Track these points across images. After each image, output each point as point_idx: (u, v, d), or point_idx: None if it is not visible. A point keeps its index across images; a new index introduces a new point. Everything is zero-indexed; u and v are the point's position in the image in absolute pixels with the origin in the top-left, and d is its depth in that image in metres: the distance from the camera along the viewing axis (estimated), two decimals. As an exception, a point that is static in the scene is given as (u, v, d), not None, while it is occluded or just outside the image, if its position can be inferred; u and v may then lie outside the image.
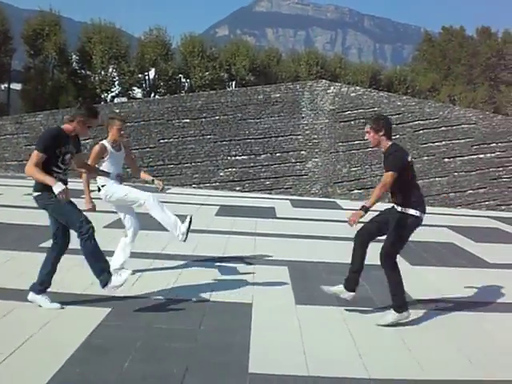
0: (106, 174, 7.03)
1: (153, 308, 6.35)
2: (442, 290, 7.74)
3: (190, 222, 7.25)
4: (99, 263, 5.98)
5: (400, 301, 6.24)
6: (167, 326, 5.82)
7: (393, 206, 6.42)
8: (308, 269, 8.67)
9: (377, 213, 6.57)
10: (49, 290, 6.28)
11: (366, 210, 6.06)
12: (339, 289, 6.53)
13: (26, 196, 6.31)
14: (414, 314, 6.64)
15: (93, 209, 7.21)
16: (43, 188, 5.87)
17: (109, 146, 7.41)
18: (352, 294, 6.49)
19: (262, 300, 6.85)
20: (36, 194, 5.97)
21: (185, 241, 7.20)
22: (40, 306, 6.05)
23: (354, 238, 6.59)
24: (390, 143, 6.30)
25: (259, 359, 5.07)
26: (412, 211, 6.24)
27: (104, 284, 5.97)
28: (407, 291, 7.52)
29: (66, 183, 6.06)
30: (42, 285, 6.10)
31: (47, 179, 5.74)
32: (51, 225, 6.18)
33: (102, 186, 7.26)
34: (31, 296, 6.11)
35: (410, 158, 6.33)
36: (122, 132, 7.58)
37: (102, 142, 7.48)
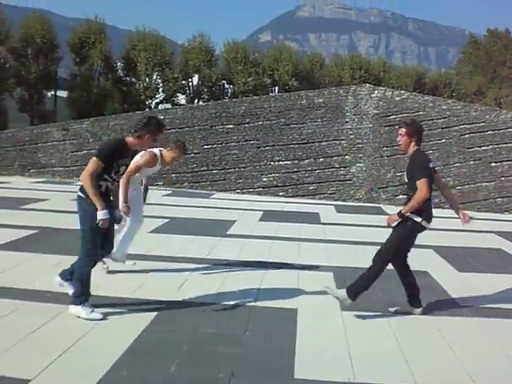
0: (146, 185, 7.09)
1: (198, 312, 6.37)
2: (491, 297, 7.59)
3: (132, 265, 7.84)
4: (81, 288, 5.99)
5: (358, 290, 6.40)
6: (213, 330, 5.84)
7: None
8: (353, 275, 8.57)
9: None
10: (95, 293, 6.35)
11: (401, 216, 6.26)
12: (414, 310, 6.65)
13: (73, 201, 6.35)
14: (460, 320, 6.54)
15: (127, 212, 7.19)
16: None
17: (159, 159, 7.53)
18: (419, 309, 6.65)
19: (307, 305, 6.81)
20: (83, 195, 5.96)
21: (113, 260, 7.59)
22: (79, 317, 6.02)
23: (393, 264, 6.67)
24: (416, 148, 6.44)
25: (305, 364, 5.05)
26: (414, 216, 6.27)
27: (72, 302, 5.99)
28: (455, 298, 7.43)
29: (112, 192, 6.20)
30: (81, 295, 6.04)
31: (97, 200, 5.77)
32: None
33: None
34: (73, 309, 6.09)
35: (431, 165, 6.44)
36: (175, 161, 7.79)
37: (155, 152, 7.55)
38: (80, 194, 5.96)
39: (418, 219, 6.28)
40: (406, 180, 6.54)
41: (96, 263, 6.09)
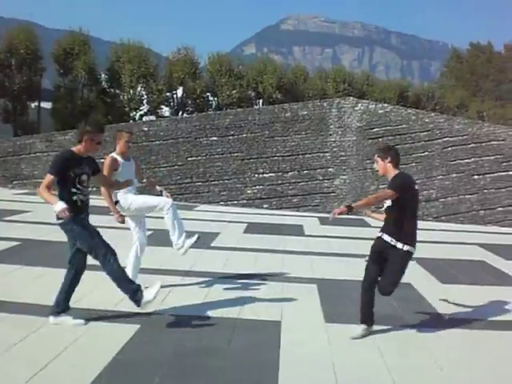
0: (126, 183, 7.05)
1: (182, 325, 6.35)
2: (474, 309, 7.63)
3: (197, 240, 7.54)
4: (126, 284, 6.10)
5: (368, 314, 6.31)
6: (197, 343, 5.82)
7: (381, 238, 6.35)
8: (337, 287, 8.62)
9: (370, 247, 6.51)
10: (77, 306, 6.32)
11: (350, 209, 6.09)
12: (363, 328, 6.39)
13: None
14: (445, 333, 6.57)
15: (122, 221, 7.28)
16: (71, 218, 5.94)
17: (119, 158, 7.50)
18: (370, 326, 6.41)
19: (291, 318, 6.81)
20: (59, 221, 6.03)
21: (183, 254, 7.55)
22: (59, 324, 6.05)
23: (362, 285, 6.43)
24: (396, 171, 6.34)
25: (289, 377, 5.04)
26: (408, 248, 6.22)
27: (137, 302, 6.03)
28: (438, 309, 7.47)
29: (87, 203, 6.21)
30: (59, 307, 6.11)
31: (50, 198, 5.85)
32: (70, 248, 6.23)
33: (116, 201, 7.35)
34: (52, 319, 6.12)
35: (416, 187, 6.38)
36: (130, 144, 7.73)
37: (111, 155, 7.57)
38: (57, 221, 6.01)
39: (413, 250, 6.28)
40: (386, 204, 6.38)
41: (116, 255, 6.15)
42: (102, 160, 7.31)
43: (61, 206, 5.74)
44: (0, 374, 4.78)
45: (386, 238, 6.26)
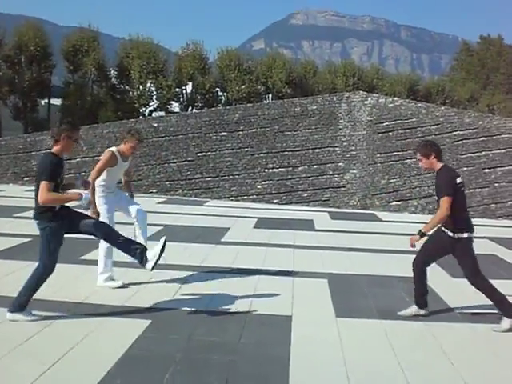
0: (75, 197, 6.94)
1: (193, 320, 6.35)
2: (484, 303, 7.58)
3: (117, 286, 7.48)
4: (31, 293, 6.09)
5: (507, 306, 6.47)
6: (207, 337, 5.82)
7: (442, 231, 6.59)
8: (348, 281, 8.60)
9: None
10: (88, 301, 6.34)
11: (422, 235, 6.41)
12: (414, 309, 6.77)
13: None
14: (456, 327, 6.53)
15: (97, 216, 7.10)
16: (47, 218, 6.02)
17: (118, 156, 7.49)
18: (426, 308, 6.78)
19: (301, 312, 6.80)
20: (38, 221, 6.08)
21: (104, 282, 7.46)
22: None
23: (412, 267, 6.82)
24: (441, 165, 6.53)
25: (299, 372, 5.03)
26: (467, 235, 6.50)
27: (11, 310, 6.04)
28: (448, 303, 7.44)
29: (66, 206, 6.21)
30: (22, 305, 6.08)
31: (68, 197, 5.96)
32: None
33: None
34: (10, 316, 6.06)
35: (459, 180, 6.49)
36: (135, 151, 7.73)
37: (112, 150, 7.55)
38: (36, 221, 6.08)
39: (471, 235, 6.53)
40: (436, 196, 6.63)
41: (47, 276, 6.17)
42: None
43: (84, 198, 5.89)
44: (9, 371, 4.78)
45: (449, 233, 6.53)
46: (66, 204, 6.16)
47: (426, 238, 6.51)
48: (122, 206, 7.82)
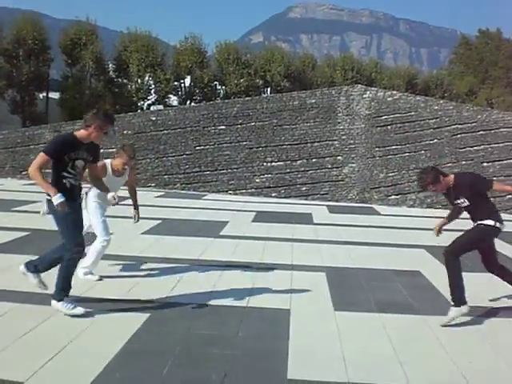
0: (107, 190, 6.92)
1: (191, 313, 6.36)
2: (483, 297, 7.60)
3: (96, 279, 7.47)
4: (64, 283, 6.07)
5: (457, 295, 6.39)
6: (205, 331, 5.82)
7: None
8: (346, 275, 8.61)
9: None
10: (87, 295, 6.34)
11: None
12: (455, 312, 6.47)
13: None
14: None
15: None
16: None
17: (109, 169, 7.48)
18: (465, 305, 6.49)
19: (300, 306, 6.81)
20: (49, 198, 5.99)
21: (82, 276, 7.35)
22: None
23: (444, 257, 6.86)
24: (452, 176, 6.57)
25: (298, 365, 5.04)
26: (488, 221, 6.58)
27: (54, 298, 6.07)
28: (447, 297, 7.43)
29: (79, 188, 6.21)
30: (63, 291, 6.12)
31: (47, 187, 5.84)
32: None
33: (86, 192, 7.37)
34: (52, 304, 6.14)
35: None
36: (126, 167, 7.69)
37: (105, 162, 7.57)
38: (48, 197, 6.00)
39: (493, 223, 6.63)
40: (465, 204, 6.69)
41: (81, 256, 6.22)
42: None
43: (60, 199, 5.76)
44: (9, 364, 4.79)
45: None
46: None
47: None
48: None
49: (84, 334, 5.57)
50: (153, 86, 46.20)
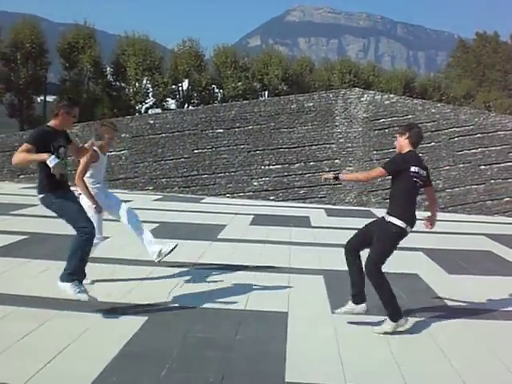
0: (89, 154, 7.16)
1: (189, 316, 6.36)
2: (481, 299, 7.61)
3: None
4: (78, 262, 6.08)
5: (393, 309, 6.09)
6: (203, 334, 5.83)
7: (382, 217, 6.40)
8: (344, 278, 8.58)
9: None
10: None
11: (336, 178, 6.34)
12: (350, 306, 6.37)
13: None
14: (452, 324, 6.55)
15: (99, 210, 7.28)
16: (46, 189, 6.08)
17: (99, 152, 7.56)
18: (363, 305, 6.31)
19: (297, 309, 6.81)
20: (40, 196, 6.13)
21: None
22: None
23: (345, 254, 6.56)
24: (408, 149, 6.27)
25: (296, 368, 5.04)
26: (395, 220, 6.14)
27: (61, 279, 6.08)
28: (445, 300, 7.45)
29: (67, 175, 6.24)
30: (71, 274, 6.10)
31: (39, 156, 5.86)
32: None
33: (79, 194, 7.35)
34: (60, 285, 6.16)
35: (416, 169, 6.14)
36: (112, 142, 7.85)
37: (94, 147, 7.62)
38: (39, 196, 6.13)
39: (401, 224, 6.12)
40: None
41: (94, 234, 6.20)
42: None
43: (54, 160, 5.75)
44: (7, 367, 4.79)
45: (385, 217, 6.31)
46: (67, 187, 6.26)
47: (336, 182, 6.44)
48: (111, 206, 7.84)
49: (81, 337, 5.57)
50: (150, 89, 46.19)
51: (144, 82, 45.85)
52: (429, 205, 6.95)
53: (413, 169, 6.13)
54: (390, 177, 6.28)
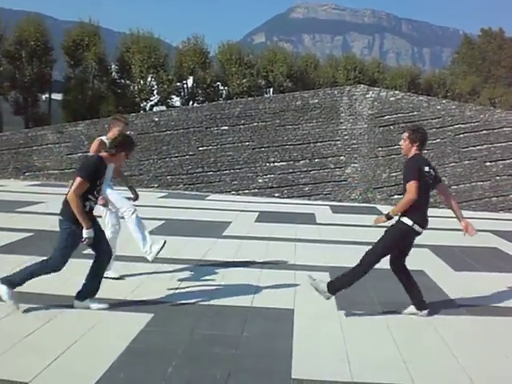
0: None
1: (195, 313, 6.36)
2: (487, 296, 7.59)
3: (163, 245, 7.35)
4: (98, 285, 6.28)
5: (337, 290, 6.43)
6: (209, 331, 5.83)
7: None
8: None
9: None
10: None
11: (388, 217, 6.31)
12: (412, 310, 6.58)
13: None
14: (458, 320, 6.54)
15: (105, 203, 7.29)
16: (72, 220, 6.01)
17: (107, 143, 7.50)
18: (426, 311, 6.55)
19: (303, 306, 6.81)
20: (62, 218, 6.14)
21: (152, 260, 7.37)
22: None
23: (395, 274, 6.77)
24: (415, 153, 6.44)
25: (302, 365, 5.04)
26: (405, 219, 6.29)
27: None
28: (451, 297, 7.44)
29: (92, 209, 6.26)
30: (11, 282, 6.11)
31: (84, 220, 5.92)
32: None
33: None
34: (76, 303, 6.22)
35: (427, 169, 6.36)
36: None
37: (100, 138, 7.59)
38: (61, 217, 6.14)
39: (409, 222, 6.27)
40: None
41: (56, 271, 6.23)
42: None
43: (91, 233, 5.92)
44: (13, 364, 4.80)
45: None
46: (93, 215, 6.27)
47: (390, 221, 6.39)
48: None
49: (88, 334, 5.58)
50: (155, 86, 46.15)
51: (149, 79, 45.81)
52: (450, 206, 6.93)
53: (426, 169, 6.34)
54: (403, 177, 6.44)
